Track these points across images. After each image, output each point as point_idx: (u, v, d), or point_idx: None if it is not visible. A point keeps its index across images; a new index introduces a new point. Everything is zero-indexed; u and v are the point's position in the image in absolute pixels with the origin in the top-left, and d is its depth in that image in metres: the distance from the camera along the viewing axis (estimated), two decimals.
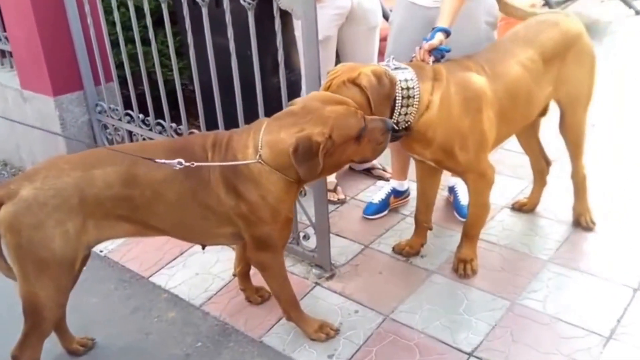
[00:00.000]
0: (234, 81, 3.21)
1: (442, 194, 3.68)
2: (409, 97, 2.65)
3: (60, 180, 2.34)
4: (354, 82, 2.57)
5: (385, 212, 3.71)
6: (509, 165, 3.99)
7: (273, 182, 2.43)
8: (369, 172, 4.12)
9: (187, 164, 2.33)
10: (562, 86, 3.10)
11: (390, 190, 3.72)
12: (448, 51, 2.83)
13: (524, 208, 3.62)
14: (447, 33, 2.83)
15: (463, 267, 3.10)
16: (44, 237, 2.30)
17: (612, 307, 2.87)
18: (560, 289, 3.01)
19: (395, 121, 2.64)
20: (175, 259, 3.51)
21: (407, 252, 3.33)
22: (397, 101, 2.63)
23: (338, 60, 3.78)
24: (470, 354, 2.66)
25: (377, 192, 3.83)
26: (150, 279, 3.39)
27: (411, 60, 2.89)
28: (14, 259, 2.36)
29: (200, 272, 3.39)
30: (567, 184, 3.49)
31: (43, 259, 2.33)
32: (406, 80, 2.65)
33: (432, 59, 2.80)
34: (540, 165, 3.55)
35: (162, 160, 2.34)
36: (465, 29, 3.03)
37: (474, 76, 2.80)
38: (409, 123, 2.71)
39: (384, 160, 4.07)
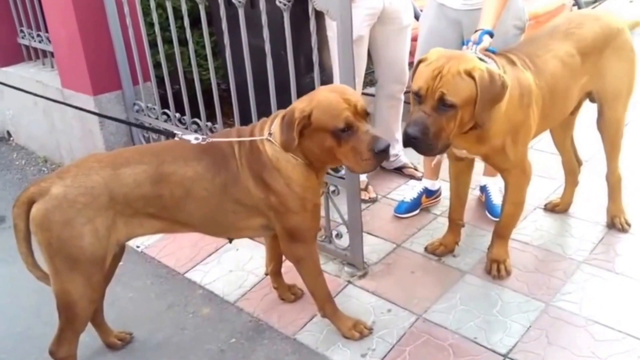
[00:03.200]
0: (269, 80, 3.13)
1: (473, 193, 3.55)
2: None
3: (90, 178, 2.29)
4: (470, 74, 2.35)
5: (417, 211, 3.59)
6: (541, 165, 3.82)
7: (291, 168, 2.40)
8: (400, 171, 4.00)
9: (201, 138, 2.41)
10: (599, 80, 2.96)
11: (422, 190, 3.60)
12: (494, 53, 2.68)
13: (557, 208, 3.47)
14: (491, 35, 2.69)
15: (497, 268, 2.98)
16: (73, 235, 2.26)
17: None
18: (595, 291, 2.86)
19: None
20: (210, 255, 3.44)
21: (442, 251, 3.21)
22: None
23: (369, 60, 3.67)
24: (505, 356, 2.55)
25: (408, 190, 3.70)
26: (185, 275, 3.33)
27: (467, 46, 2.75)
28: (45, 256, 2.32)
29: (234, 269, 3.31)
30: (601, 184, 3.35)
31: (73, 256, 2.29)
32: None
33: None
34: (572, 164, 3.40)
35: (179, 133, 2.43)
36: (498, 32, 2.86)
37: (522, 71, 2.67)
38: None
39: (415, 158, 3.96)
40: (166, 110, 3.87)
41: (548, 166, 3.74)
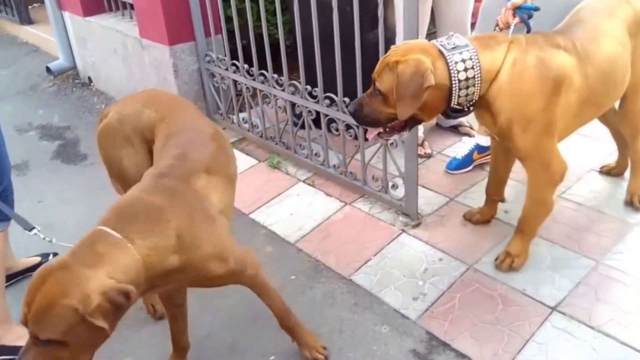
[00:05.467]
0: (334, 36, 3.05)
1: None
2: (467, 78, 2.24)
3: (125, 109, 2.33)
4: (394, 67, 2.22)
5: (469, 167, 3.45)
6: (597, 129, 3.59)
7: None
8: (456, 129, 3.87)
9: None
10: (633, 66, 2.60)
11: (474, 146, 3.45)
12: (535, 9, 2.41)
13: (613, 172, 3.26)
14: None
15: (502, 260, 2.69)
16: (114, 155, 2.31)
17: None
18: None
19: (455, 103, 2.30)
20: (272, 199, 3.42)
21: (477, 219, 3.02)
22: (453, 84, 2.24)
23: (431, 22, 3.53)
24: (553, 308, 2.46)
25: (462, 148, 3.57)
26: (250, 215, 3.32)
27: (497, 25, 2.51)
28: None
29: (294, 212, 3.28)
30: None
31: (120, 175, 2.34)
32: (463, 61, 2.22)
33: (516, 19, 2.40)
34: (620, 134, 3.09)
35: None
36: None
37: (560, 55, 2.32)
38: (472, 101, 2.33)
39: (472, 117, 3.83)
40: (235, 62, 3.81)
41: (603, 129, 3.51)
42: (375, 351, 2.41)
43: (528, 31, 2.45)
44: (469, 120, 3.81)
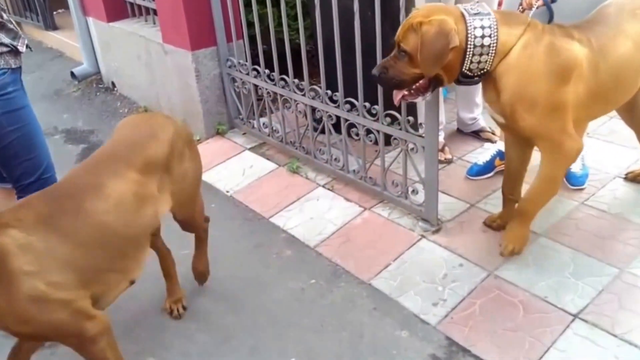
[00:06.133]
0: (356, 40, 3.05)
1: None
2: (483, 45, 2.28)
3: None
4: (418, 28, 2.26)
5: (490, 174, 3.42)
6: (622, 135, 3.56)
7: None
8: (477, 135, 3.84)
9: None
10: None
11: (495, 152, 3.42)
12: None
13: (639, 178, 3.20)
14: None
15: (505, 247, 2.73)
16: None
17: None
18: None
19: (467, 69, 2.35)
20: (292, 203, 3.42)
21: (498, 225, 2.99)
22: (468, 49, 2.29)
23: None
24: (575, 316, 2.42)
25: (483, 153, 3.54)
26: (270, 219, 3.32)
27: (520, 4, 2.56)
28: None
29: (314, 216, 3.28)
30: None
31: None
32: (482, 28, 2.27)
33: (539, 2, 2.46)
34: None
35: None
36: None
37: (573, 44, 2.36)
38: (484, 70, 2.36)
39: (493, 123, 3.80)
40: (256, 67, 3.82)
41: (629, 135, 3.42)
42: (395, 356, 2.39)
43: (550, 17, 2.50)
44: (491, 125, 3.78)
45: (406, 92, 2.49)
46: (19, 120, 2.47)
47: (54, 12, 7.00)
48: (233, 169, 3.85)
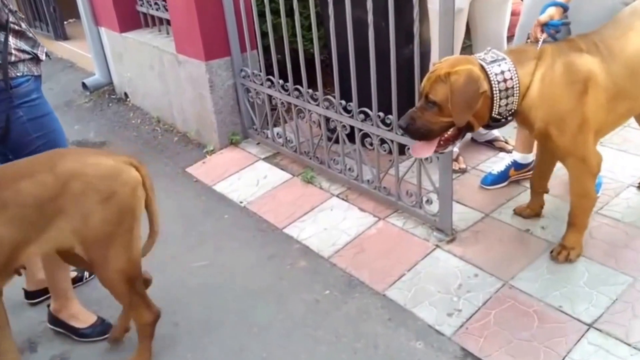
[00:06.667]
0: (370, 51, 3.12)
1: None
2: (507, 88, 2.44)
3: None
4: (446, 78, 2.40)
5: (504, 183, 3.47)
6: (636, 143, 3.64)
7: None
8: (491, 144, 3.90)
9: None
10: None
11: (510, 162, 3.47)
12: (563, 25, 2.56)
13: None
14: (564, 8, 2.57)
15: (558, 252, 2.82)
16: None
17: None
18: None
19: (497, 113, 2.49)
20: (306, 213, 3.48)
21: (528, 213, 3.14)
22: (494, 94, 2.44)
23: (468, 33, 3.57)
24: (590, 325, 2.47)
25: (498, 163, 3.61)
26: (284, 230, 3.38)
27: (528, 37, 2.66)
28: None
29: (328, 227, 3.34)
30: None
31: None
32: (502, 73, 2.44)
33: (544, 35, 2.56)
34: None
35: None
36: (595, 7, 2.74)
37: (583, 57, 2.49)
38: (512, 111, 2.52)
39: (506, 132, 3.86)
40: (270, 77, 3.90)
41: None
42: None
43: (568, 32, 2.64)
44: (504, 134, 3.84)
45: (437, 146, 2.59)
46: (44, 127, 2.56)
47: (64, 22, 7.10)
48: (247, 179, 3.92)
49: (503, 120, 2.55)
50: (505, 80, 2.44)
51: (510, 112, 2.52)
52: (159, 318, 2.52)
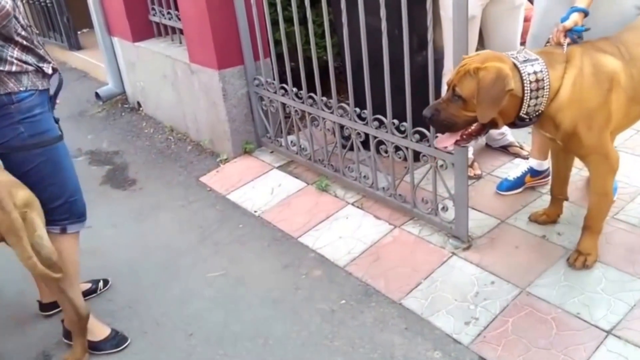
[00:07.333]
0: (384, 59, 3.15)
1: (581, 173, 3.45)
2: (538, 89, 2.48)
3: None
4: (474, 73, 2.44)
5: (520, 189, 3.50)
6: None
7: None
8: (505, 150, 3.92)
9: None
10: None
11: (527, 169, 3.50)
12: (584, 31, 2.60)
13: None
14: (585, 13, 2.61)
15: (575, 259, 2.86)
16: None
17: None
18: None
19: (524, 112, 2.52)
20: (321, 222, 3.51)
21: (544, 220, 3.17)
22: (525, 94, 2.47)
23: (481, 40, 3.60)
24: (608, 332, 2.49)
25: (513, 169, 3.63)
26: (299, 239, 3.41)
27: (548, 42, 2.70)
28: None
29: (343, 235, 3.37)
30: None
31: None
32: (535, 73, 2.47)
33: (567, 40, 2.59)
34: None
35: None
36: (612, 11, 2.79)
37: (608, 58, 2.56)
38: (539, 111, 2.55)
39: (521, 137, 3.88)
40: (284, 85, 3.94)
41: None
42: None
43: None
44: (519, 140, 3.86)
45: (459, 138, 2.63)
46: (44, 143, 2.55)
47: (78, 32, 7.19)
48: (261, 188, 3.96)
49: (528, 120, 2.58)
50: (537, 81, 2.47)
51: (537, 113, 2.55)
52: (84, 318, 2.68)
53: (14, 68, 2.41)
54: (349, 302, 2.90)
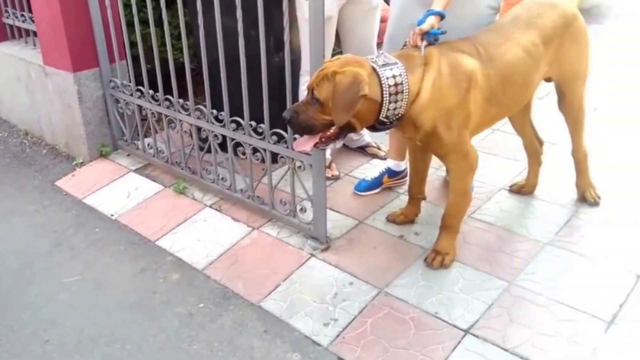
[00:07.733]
0: (240, 60, 2.78)
1: (438, 173, 3.21)
2: (397, 92, 2.22)
3: None
4: (332, 77, 2.17)
5: (377, 190, 3.20)
6: (506, 147, 3.47)
7: None
8: (363, 150, 3.62)
9: None
10: (559, 66, 2.66)
11: (385, 170, 3.21)
12: (441, 34, 2.37)
13: (523, 190, 3.07)
14: (441, 16, 2.38)
15: (433, 259, 2.58)
16: None
17: (614, 292, 2.37)
18: (559, 272, 2.49)
19: (384, 116, 2.25)
20: (179, 225, 3.06)
21: (402, 220, 2.88)
22: (384, 98, 2.21)
23: (337, 40, 3.28)
24: (466, 331, 2.21)
25: (370, 169, 3.33)
26: (156, 242, 2.96)
27: (404, 45, 2.44)
28: None
29: (201, 238, 2.94)
30: (566, 166, 3.01)
31: None
32: (394, 77, 2.22)
33: (424, 43, 2.35)
34: (534, 145, 3.02)
35: None
36: (466, 12, 2.60)
37: (465, 58, 2.37)
38: (399, 115, 2.29)
39: (379, 138, 3.59)
40: (140, 87, 3.45)
41: (512, 148, 3.34)
42: None
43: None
44: (377, 141, 3.59)
45: (317, 141, 2.33)
46: None
47: None
48: (117, 191, 3.42)
49: (389, 123, 2.31)
50: (396, 85, 2.23)
51: (397, 117, 2.30)
52: None
53: None
54: (208, 306, 2.51)
